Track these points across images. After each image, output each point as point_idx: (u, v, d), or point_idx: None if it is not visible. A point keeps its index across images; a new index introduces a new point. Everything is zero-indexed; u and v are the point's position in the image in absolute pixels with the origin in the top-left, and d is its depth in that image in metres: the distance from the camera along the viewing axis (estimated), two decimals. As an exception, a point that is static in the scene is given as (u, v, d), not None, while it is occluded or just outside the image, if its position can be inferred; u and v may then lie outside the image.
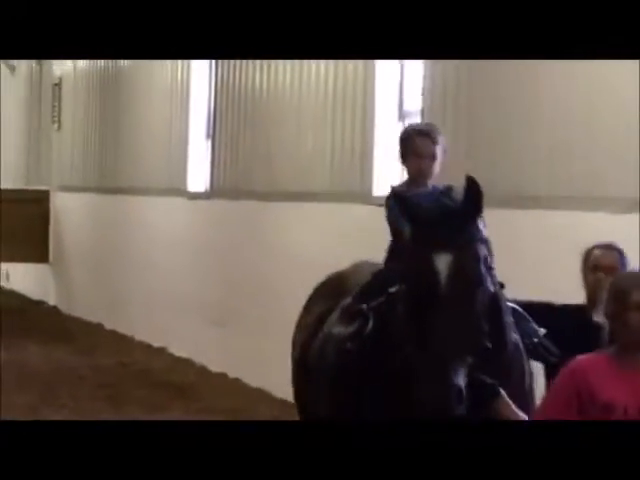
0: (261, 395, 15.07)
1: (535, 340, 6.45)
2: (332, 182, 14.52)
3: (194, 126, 18.64)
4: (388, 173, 13.56)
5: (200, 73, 18.39)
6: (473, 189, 5.42)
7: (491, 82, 12.38)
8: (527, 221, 11.85)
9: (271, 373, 14.41)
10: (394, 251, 6.63)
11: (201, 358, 17.21)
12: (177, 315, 18.08)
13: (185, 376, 16.59)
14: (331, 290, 7.64)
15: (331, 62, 14.72)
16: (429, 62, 12.95)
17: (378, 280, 6.48)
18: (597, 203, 10.85)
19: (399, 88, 13.90)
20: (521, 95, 11.86)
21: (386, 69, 13.96)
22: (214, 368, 16.69)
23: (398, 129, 13.22)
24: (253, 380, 15.53)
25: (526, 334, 6.37)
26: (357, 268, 7.76)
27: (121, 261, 21.03)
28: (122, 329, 20.26)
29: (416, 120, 13.09)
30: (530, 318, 6.54)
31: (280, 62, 16.10)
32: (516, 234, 11.63)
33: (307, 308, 7.91)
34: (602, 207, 10.73)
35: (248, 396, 15.13)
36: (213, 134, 17.89)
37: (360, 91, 14.13)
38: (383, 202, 12.99)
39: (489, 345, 5.47)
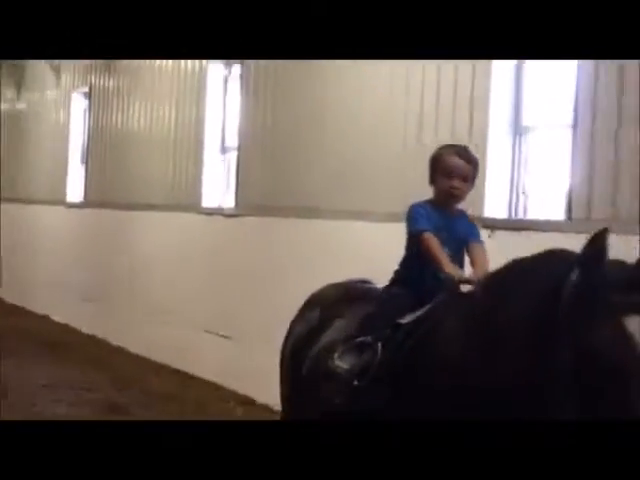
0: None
1: None
2: (170, 195, 14.48)
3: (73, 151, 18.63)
4: (214, 189, 13.53)
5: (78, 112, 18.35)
6: None
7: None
8: (309, 229, 11.27)
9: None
10: (401, 278, 4.96)
11: None
12: None
13: None
14: (327, 304, 5.55)
15: (173, 106, 14.67)
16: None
17: (384, 309, 4.77)
18: (361, 214, 10.35)
19: (222, 126, 13.62)
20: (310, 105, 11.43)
21: (214, 108, 13.71)
22: None
23: (220, 159, 13.43)
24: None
25: None
26: (347, 290, 5.69)
27: None
28: None
29: (233, 151, 13.07)
30: None
31: (137, 107, 16.01)
32: (299, 241, 11.35)
33: (301, 320, 5.79)
34: (363, 217, 10.27)
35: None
36: (87, 157, 17.94)
37: (193, 128, 13.96)
38: (211, 211, 13.21)
39: None
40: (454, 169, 4.81)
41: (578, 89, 8.12)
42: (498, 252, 8.06)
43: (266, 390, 10.78)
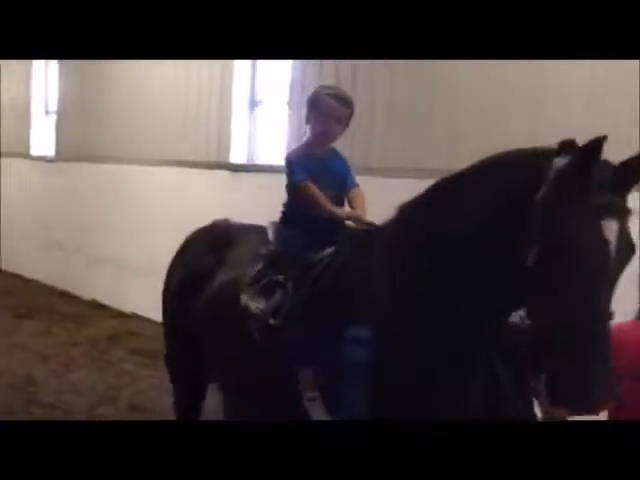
0: None
1: None
2: (7, 145, 13.54)
3: None
4: (40, 141, 12.94)
5: None
6: None
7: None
8: (107, 170, 10.97)
9: None
10: (289, 220, 3.70)
11: None
12: None
13: None
14: (209, 246, 4.16)
15: (9, 82, 13.74)
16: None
17: (286, 248, 3.58)
18: (140, 160, 10.16)
19: (45, 95, 13.06)
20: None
21: (38, 83, 13.10)
22: None
23: (44, 119, 13.07)
24: None
25: None
26: (225, 229, 4.36)
27: None
28: None
29: (54, 114, 12.50)
30: None
31: None
32: (100, 176, 11.07)
33: (183, 262, 4.31)
34: (143, 163, 10.07)
35: None
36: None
37: (24, 98, 13.24)
38: (37, 158, 12.86)
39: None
40: (332, 111, 3.58)
41: (293, 70, 7.98)
42: (239, 189, 8.44)
43: (86, 289, 11.01)
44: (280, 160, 7.89)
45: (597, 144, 2.44)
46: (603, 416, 2.92)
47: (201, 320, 3.83)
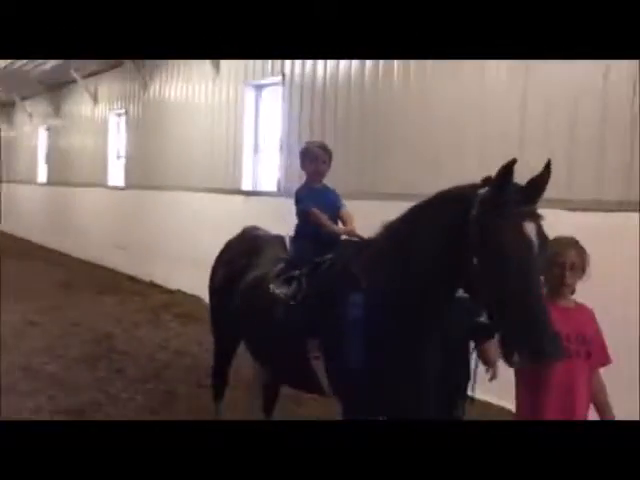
0: None
1: None
2: (90, 178, 13.37)
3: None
4: (114, 175, 12.55)
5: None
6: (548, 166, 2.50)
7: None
8: (160, 196, 10.61)
9: None
10: (301, 236, 3.59)
11: None
12: None
13: None
14: (243, 250, 4.00)
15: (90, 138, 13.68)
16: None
17: (300, 253, 3.48)
18: (188, 187, 9.72)
19: (117, 150, 12.54)
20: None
21: (113, 139, 13.03)
22: None
23: (116, 162, 12.98)
24: None
25: None
26: (256, 238, 4.11)
27: None
28: None
29: (123, 158, 12.26)
30: None
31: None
32: (156, 201, 10.66)
33: (224, 262, 4.12)
34: (193, 189, 9.62)
35: None
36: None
37: (100, 151, 13.14)
38: (112, 187, 12.69)
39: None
40: (318, 156, 3.62)
41: (282, 128, 7.67)
42: (248, 207, 8.16)
43: (146, 274, 10.87)
44: (274, 187, 7.96)
45: (506, 170, 2.48)
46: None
47: (238, 302, 3.84)
